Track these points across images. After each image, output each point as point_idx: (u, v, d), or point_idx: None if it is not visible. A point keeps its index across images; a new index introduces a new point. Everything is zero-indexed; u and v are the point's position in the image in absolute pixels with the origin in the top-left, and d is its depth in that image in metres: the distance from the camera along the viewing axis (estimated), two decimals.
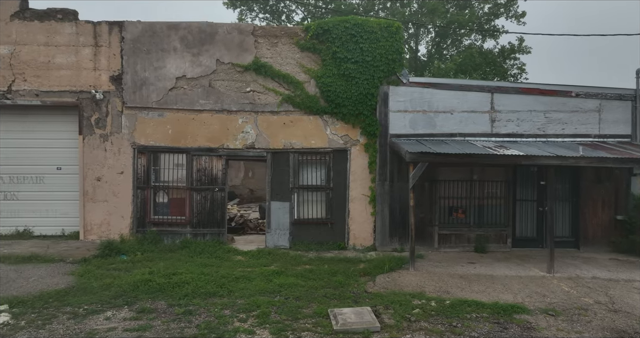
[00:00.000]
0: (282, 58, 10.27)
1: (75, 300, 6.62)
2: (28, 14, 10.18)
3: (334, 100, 10.08)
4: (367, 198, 10.30)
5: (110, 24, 10.24)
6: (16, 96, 10.18)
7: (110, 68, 10.23)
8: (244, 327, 5.91)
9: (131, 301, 6.70)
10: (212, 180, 10.32)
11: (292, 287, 7.49)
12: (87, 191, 10.26)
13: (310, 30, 10.12)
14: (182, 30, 10.25)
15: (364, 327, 5.88)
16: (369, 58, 10.02)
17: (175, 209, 10.42)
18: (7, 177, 10.57)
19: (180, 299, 6.81)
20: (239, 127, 10.28)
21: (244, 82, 10.27)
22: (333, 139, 10.31)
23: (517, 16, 24.50)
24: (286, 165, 10.33)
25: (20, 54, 10.14)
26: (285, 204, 10.32)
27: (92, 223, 10.27)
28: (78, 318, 6.04)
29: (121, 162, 10.25)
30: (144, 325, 5.87)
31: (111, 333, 5.66)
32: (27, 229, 10.55)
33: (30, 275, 7.65)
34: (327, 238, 10.36)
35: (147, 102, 10.22)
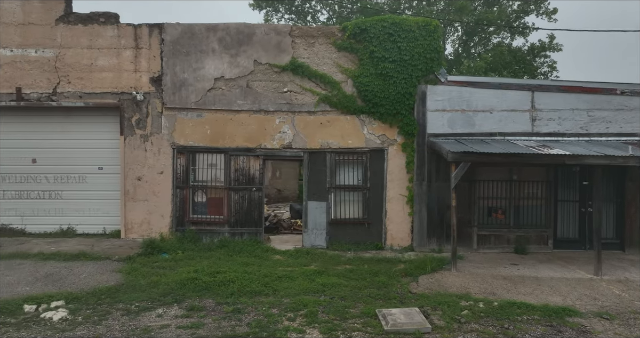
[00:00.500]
0: (319, 58, 10.29)
1: (126, 297, 6.77)
2: (72, 18, 10.45)
3: (372, 99, 10.05)
4: (405, 199, 10.23)
5: (151, 27, 10.43)
6: (61, 98, 10.46)
7: (150, 70, 10.42)
8: (294, 326, 5.94)
9: (180, 299, 6.81)
10: (249, 180, 10.41)
11: (335, 286, 7.50)
12: (128, 190, 10.47)
13: (347, 29, 10.11)
14: (220, 31, 10.37)
15: (415, 327, 5.84)
16: (407, 57, 9.96)
17: (213, 208, 10.55)
18: (52, 176, 10.86)
19: (227, 297, 6.89)
20: (276, 127, 10.34)
21: (281, 83, 10.33)
22: (370, 139, 10.28)
23: (548, 13, 24.00)
24: (323, 165, 10.34)
25: (65, 57, 10.41)
26: (322, 204, 10.33)
27: (133, 222, 10.48)
28: (131, 315, 6.18)
29: (161, 162, 10.43)
30: (196, 322, 5.96)
31: (165, 330, 5.76)
32: (71, 227, 10.83)
33: (81, 272, 7.85)
34: (363, 239, 10.33)
35: (186, 103, 10.37)
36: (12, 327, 5.71)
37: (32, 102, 10.45)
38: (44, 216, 10.87)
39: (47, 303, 6.37)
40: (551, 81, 10.18)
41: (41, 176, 10.87)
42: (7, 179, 10.85)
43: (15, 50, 10.42)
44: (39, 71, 10.42)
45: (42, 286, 7.15)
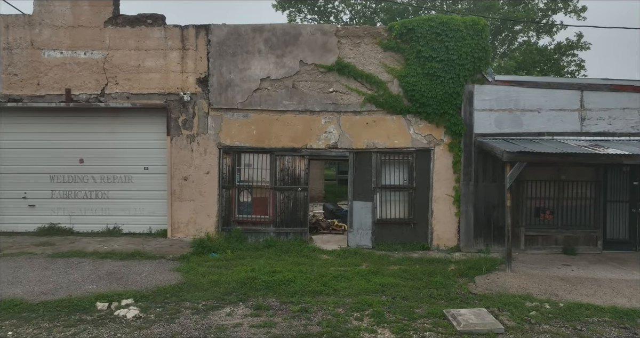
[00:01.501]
0: (365, 58, 10.29)
1: (191, 296, 6.84)
2: (120, 20, 10.59)
3: (419, 99, 10.02)
4: (451, 199, 10.18)
5: (197, 28, 10.53)
6: (109, 99, 10.60)
7: (196, 70, 10.51)
8: (364, 326, 5.95)
9: (243, 298, 6.87)
10: (295, 180, 10.45)
11: (394, 286, 7.50)
12: (175, 190, 10.57)
13: (394, 29, 10.09)
14: (266, 32, 10.42)
15: (488, 328, 5.81)
16: (455, 56, 9.91)
17: (258, 208, 10.61)
18: (99, 176, 11.02)
19: (291, 297, 6.93)
20: (321, 127, 10.37)
21: (327, 83, 10.35)
22: (416, 139, 10.25)
23: (577, 11, 23.70)
24: (368, 165, 10.34)
25: (113, 59, 10.56)
26: (368, 204, 10.33)
27: (180, 221, 10.58)
28: (201, 314, 6.24)
29: (207, 162, 10.51)
30: (267, 321, 6.00)
31: (239, 328, 5.81)
32: (117, 227, 10.98)
33: (140, 271, 7.95)
34: (409, 239, 10.30)
35: (232, 103, 10.44)
36: (89, 324, 5.81)
37: (80, 103, 10.61)
38: (91, 215, 11.03)
39: (117, 301, 6.47)
40: (601, 80, 10.00)
41: (88, 176, 11.03)
42: (56, 179, 11.04)
43: (64, 52, 10.58)
44: (88, 72, 10.58)
45: (106, 284, 7.26)
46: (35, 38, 10.60)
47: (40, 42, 10.60)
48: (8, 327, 5.70)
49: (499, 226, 10.12)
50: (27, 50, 10.60)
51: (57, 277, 7.49)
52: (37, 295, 6.69)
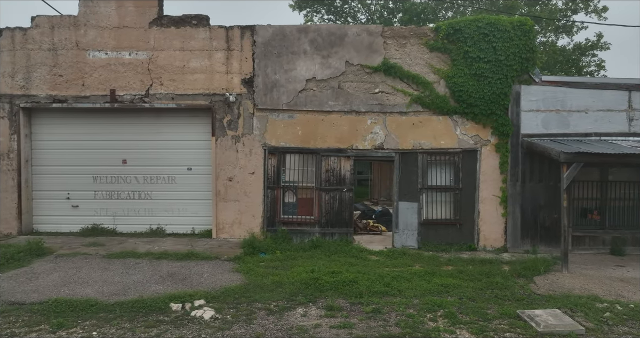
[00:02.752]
0: (411, 58, 10.29)
1: (259, 297, 6.84)
2: (165, 20, 10.60)
3: (466, 100, 10.02)
4: (498, 199, 10.17)
5: (242, 28, 10.53)
6: (153, 99, 10.61)
7: (242, 71, 10.52)
8: (441, 327, 5.95)
9: (311, 298, 6.86)
10: (340, 181, 10.45)
11: (456, 287, 7.50)
12: (220, 191, 10.58)
13: (441, 30, 10.09)
14: (311, 33, 10.43)
15: (569, 329, 5.81)
16: (502, 57, 9.90)
17: (303, 209, 10.61)
18: (142, 177, 11.03)
19: (358, 297, 6.93)
20: (367, 128, 10.37)
21: (373, 83, 10.35)
22: (463, 139, 10.25)
23: (598, 11, 23.67)
24: (414, 166, 10.34)
25: (158, 59, 10.57)
26: (414, 204, 10.32)
27: (224, 222, 10.59)
28: (276, 314, 6.25)
29: (252, 162, 10.52)
30: (344, 322, 6.00)
31: (319, 329, 5.81)
32: (160, 227, 10.99)
33: (201, 272, 7.95)
34: (455, 239, 10.30)
35: (278, 104, 10.45)
36: (169, 325, 5.82)
37: (125, 104, 10.62)
38: (134, 216, 11.05)
39: (190, 302, 6.47)
40: None
41: (131, 176, 11.05)
42: (99, 179, 11.05)
43: (109, 53, 10.60)
44: (133, 73, 10.59)
45: (172, 285, 7.26)
46: (80, 39, 10.62)
47: (85, 43, 10.62)
48: (90, 327, 5.71)
49: (545, 227, 10.12)
50: (72, 51, 10.62)
51: (121, 278, 7.50)
52: (108, 296, 6.70)
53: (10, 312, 6.12)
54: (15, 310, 6.16)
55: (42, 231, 11.01)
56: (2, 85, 10.68)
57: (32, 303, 6.37)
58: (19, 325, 5.76)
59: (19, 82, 10.67)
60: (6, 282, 7.25)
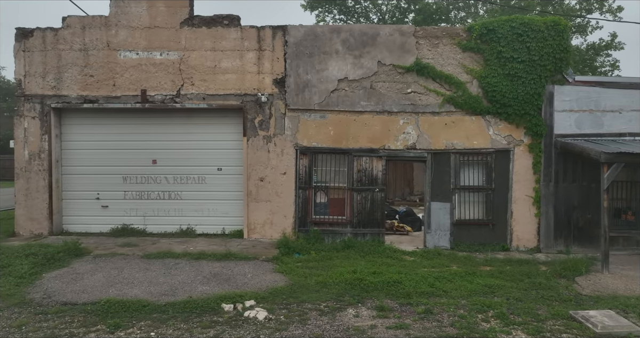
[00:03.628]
0: (443, 58, 10.27)
1: (307, 297, 6.83)
2: (196, 20, 10.59)
3: (499, 100, 10.00)
4: (531, 199, 10.15)
5: (274, 29, 10.52)
6: (184, 100, 10.60)
7: (273, 71, 10.50)
8: (497, 328, 5.93)
9: (359, 299, 6.85)
10: (372, 181, 10.43)
11: (500, 288, 7.48)
12: (251, 191, 10.57)
13: (474, 30, 10.08)
14: (343, 33, 10.42)
15: (627, 330, 5.79)
16: (536, 57, 9.88)
17: (334, 209, 10.60)
18: (172, 177, 11.02)
19: (405, 298, 6.92)
20: (400, 128, 10.35)
21: (405, 83, 10.33)
22: (496, 139, 10.23)
23: (613, 11, 23.64)
24: (447, 166, 10.32)
25: (189, 59, 10.56)
26: (446, 205, 10.31)
27: (256, 222, 10.58)
28: (328, 315, 6.23)
29: (284, 162, 10.51)
30: (399, 323, 5.98)
31: (375, 330, 5.80)
32: (190, 227, 10.98)
33: (243, 272, 7.94)
34: (487, 239, 10.28)
35: (309, 104, 10.44)
36: (225, 326, 5.81)
37: (156, 104, 10.62)
38: (164, 216, 11.04)
39: (240, 302, 6.46)
40: None
41: (161, 177, 11.04)
42: (129, 180, 11.05)
43: (140, 53, 10.60)
44: (164, 73, 10.59)
45: (217, 285, 7.25)
46: (112, 39, 10.62)
47: (116, 43, 10.62)
48: (147, 328, 5.71)
49: (579, 227, 10.10)
50: (103, 51, 10.62)
51: (165, 278, 7.49)
52: (157, 296, 6.69)
53: (64, 312, 6.12)
54: (68, 311, 6.16)
55: (72, 231, 11.00)
56: (33, 86, 10.68)
57: (84, 304, 6.37)
58: (76, 325, 5.75)
59: (50, 82, 10.67)
60: (52, 282, 7.25)
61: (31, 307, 6.30)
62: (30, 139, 10.68)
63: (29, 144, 10.69)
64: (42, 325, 5.72)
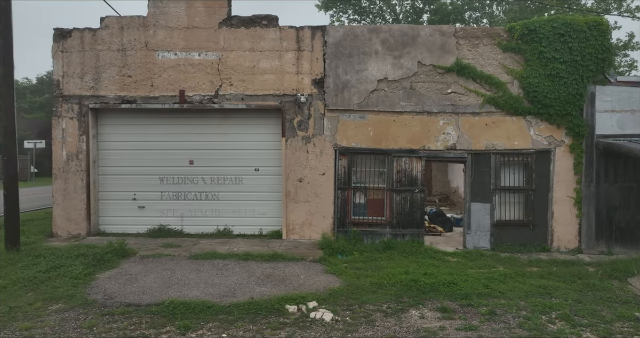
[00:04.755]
0: (484, 59, 10.24)
1: (366, 298, 6.80)
2: (235, 21, 10.58)
3: (541, 100, 9.97)
4: (572, 200, 10.12)
5: (313, 29, 10.50)
6: (222, 100, 10.59)
7: (312, 72, 10.48)
8: (566, 329, 5.90)
9: (419, 300, 6.82)
10: (411, 181, 10.41)
11: (554, 289, 7.45)
12: (290, 192, 10.55)
13: (515, 30, 10.05)
14: (383, 33, 10.40)
15: None
16: (578, 57, 9.86)
17: (373, 210, 10.57)
18: (209, 178, 11.01)
19: (464, 299, 6.88)
20: (440, 129, 10.33)
21: (445, 84, 10.31)
22: (537, 140, 10.20)
23: (631, 11, 23.61)
24: (487, 167, 10.29)
25: (227, 60, 10.54)
26: (486, 205, 10.28)
27: (294, 223, 10.56)
28: (393, 316, 6.21)
29: (323, 163, 10.48)
30: (467, 325, 5.96)
31: (445, 332, 5.77)
32: (227, 228, 10.96)
33: (295, 273, 7.91)
34: (527, 240, 10.25)
35: (349, 105, 10.42)
36: (294, 327, 5.78)
37: (194, 105, 10.60)
38: (201, 217, 11.02)
39: (303, 304, 6.44)
40: None
41: (198, 177, 11.03)
42: (166, 180, 11.04)
43: (179, 54, 10.59)
44: (202, 74, 10.57)
45: (273, 286, 7.23)
46: (150, 39, 10.61)
47: (155, 44, 10.61)
48: (216, 329, 5.69)
49: (620, 227, 10.06)
50: (141, 51, 10.61)
51: (220, 279, 7.47)
52: (217, 297, 6.67)
53: (130, 313, 6.10)
54: (134, 312, 6.14)
55: (109, 232, 11.00)
56: (71, 86, 10.68)
57: (147, 305, 6.35)
58: (145, 326, 5.74)
59: (88, 82, 10.66)
60: (108, 283, 7.23)
61: (95, 307, 6.29)
62: (68, 139, 10.67)
63: (67, 145, 10.68)
64: (112, 326, 5.71)
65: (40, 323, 5.77)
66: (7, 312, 6.09)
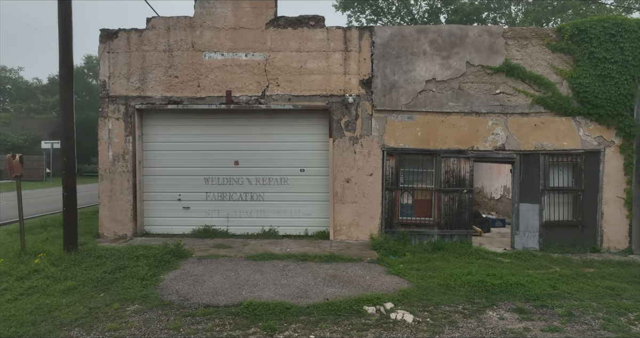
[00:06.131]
0: (532, 59, 10.23)
1: (439, 300, 6.78)
2: (282, 21, 10.57)
3: (591, 101, 9.95)
4: (622, 201, 10.10)
5: (361, 29, 10.49)
6: (269, 101, 10.58)
7: (359, 72, 10.48)
8: None
9: (492, 301, 6.79)
10: (459, 182, 10.39)
11: (623, 290, 7.43)
12: (337, 192, 10.54)
13: (565, 31, 10.03)
14: (431, 33, 10.38)
15: None
16: (630, 57, 9.83)
17: (420, 210, 10.56)
18: (254, 178, 11.01)
19: (536, 300, 6.86)
20: (488, 129, 10.31)
21: (493, 84, 10.29)
22: (586, 140, 10.18)
23: None
24: (536, 167, 10.27)
25: (274, 60, 10.54)
26: (535, 206, 10.26)
27: (342, 224, 10.54)
28: (472, 317, 6.19)
29: (370, 164, 10.47)
30: (551, 326, 5.94)
31: (532, 333, 5.75)
32: (272, 229, 10.96)
33: (359, 274, 7.90)
34: (576, 241, 10.23)
35: (397, 105, 10.41)
36: (379, 328, 5.76)
37: (241, 105, 10.59)
38: (246, 218, 11.02)
39: (380, 304, 6.43)
40: None
41: (243, 178, 11.02)
42: (211, 181, 11.04)
43: (225, 54, 10.58)
44: (249, 74, 10.57)
45: (342, 287, 7.21)
46: (196, 40, 10.61)
47: (201, 44, 10.61)
48: (302, 330, 5.67)
49: None
50: (188, 52, 10.61)
51: (286, 280, 7.46)
52: (291, 298, 6.65)
53: (210, 314, 6.09)
54: (214, 313, 6.13)
55: (154, 233, 11.01)
56: (117, 87, 10.68)
57: (226, 306, 6.34)
58: (229, 328, 5.72)
59: (134, 83, 10.66)
60: (176, 283, 7.23)
61: (173, 309, 6.28)
62: (115, 140, 10.68)
63: (113, 145, 10.68)
64: (198, 328, 5.70)
65: (125, 324, 5.76)
66: (87, 313, 6.09)
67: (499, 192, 16.91)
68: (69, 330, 5.60)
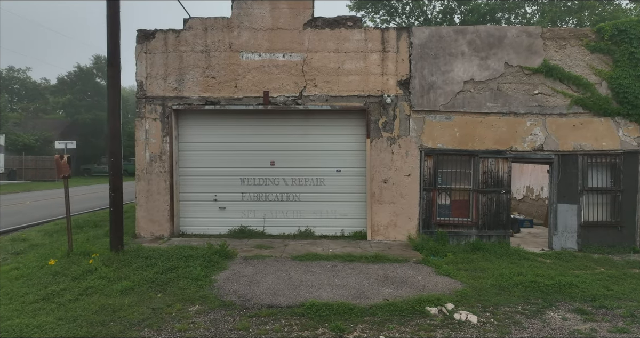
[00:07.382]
0: (571, 60, 10.23)
1: (496, 300, 6.78)
2: (319, 22, 10.58)
3: (631, 101, 9.95)
4: None
5: (398, 30, 10.50)
6: (306, 101, 10.59)
7: (397, 73, 10.48)
8: None
9: (548, 302, 6.79)
10: (497, 183, 10.39)
11: None
12: (374, 193, 10.55)
13: (604, 31, 10.03)
14: (469, 34, 10.39)
15: None
16: None
17: (457, 211, 10.56)
18: (290, 178, 11.02)
19: (594, 301, 6.86)
20: (527, 130, 10.31)
21: (532, 85, 10.30)
22: (625, 141, 10.18)
23: None
24: (574, 168, 10.27)
25: (312, 61, 10.55)
26: (573, 206, 10.26)
27: (379, 224, 10.55)
28: (535, 318, 6.19)
29: (408, 164, 10.48)
30: (617, 327, 5.94)
31: (599, 334, 5.76)
32: (309, 229, 10.96)
33: (410, 275, 7.90)
34: (615, 241, 10.23)
35: (435, 106, 10.41)
36: (444, 329, 5.77)
37: (278, 106, 10.61)
38: (282, 218, 11.03)
39: (441, 305, 6.44)
40: None
41: (279, 178, 11.04)
42: (247, 181, 11.05)
43: (263, 55, 10.59)
44: (286, 75, 10.58)
45: (397, 288, 7.21)
46: (234, 41, 10.62)
47: (239, 45, 10.62)
48: (370, 331, 5.67)
49: None
50: (225, 52, 10.63)
51: (340, 281, 7.46)
52: (351, 299, 6.65)
53: (274, 314, 6.10)
54: (278, 313, 6.13)
55: (190, 233, 11.02)
56: (154, 88, 10.70)
57: (288, 307, 6.35)
58: (297, 328, 5.73)
59: (171, 84, 10.68)
60: (230, 284, 7.23)
61: (236, 309, 6.28)
62: (152, 140, 10.69)
63: (150, 146, 10.69)
64: (266, 328, 5.71)
65: (192, 325, 5.77)
66: (152, 313, 6.10)
67: (521, 192, 16.91)
68: (138, 330, 5.61)
